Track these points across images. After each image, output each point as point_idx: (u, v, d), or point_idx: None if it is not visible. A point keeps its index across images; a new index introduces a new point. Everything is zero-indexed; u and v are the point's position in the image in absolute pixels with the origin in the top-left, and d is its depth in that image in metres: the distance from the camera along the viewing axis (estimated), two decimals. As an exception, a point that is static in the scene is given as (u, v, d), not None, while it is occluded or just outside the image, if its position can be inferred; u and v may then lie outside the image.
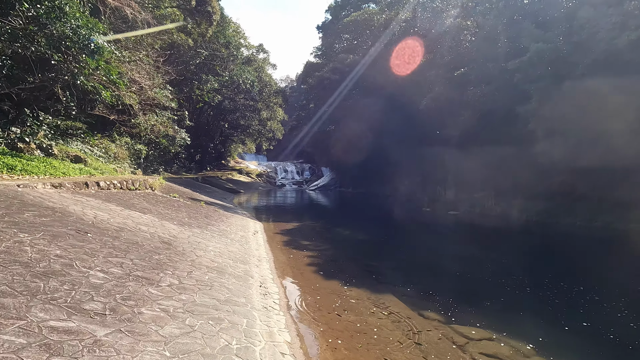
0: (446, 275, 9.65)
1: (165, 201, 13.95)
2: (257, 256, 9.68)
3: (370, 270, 9.50)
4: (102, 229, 7.18)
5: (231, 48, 45.89)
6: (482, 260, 11.37)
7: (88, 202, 9.15)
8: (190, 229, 10.24)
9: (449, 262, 11.06)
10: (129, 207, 10.30)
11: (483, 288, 8.67)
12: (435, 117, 28.42)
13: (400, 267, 10.39)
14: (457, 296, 7.80)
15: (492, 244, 14.73)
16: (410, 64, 34.51)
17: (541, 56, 17.33)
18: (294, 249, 11.85)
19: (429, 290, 8.05)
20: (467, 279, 9.33)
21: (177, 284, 5.57)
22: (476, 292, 8.31)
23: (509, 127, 21.91)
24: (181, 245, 7.99)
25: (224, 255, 8.42)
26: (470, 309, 7.03)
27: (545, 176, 20.97)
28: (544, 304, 7.66)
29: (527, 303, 7.75)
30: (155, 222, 9.47)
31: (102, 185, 11.69)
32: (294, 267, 9.35)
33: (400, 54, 35.14)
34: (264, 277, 7.81)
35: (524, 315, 7.02)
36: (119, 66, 18.37)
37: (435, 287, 8.41)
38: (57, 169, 13.91)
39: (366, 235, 15.65)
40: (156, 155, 35.37)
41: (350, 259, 10.95)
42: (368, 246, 13.25)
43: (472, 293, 8.27)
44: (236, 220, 15.52)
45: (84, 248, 5.76)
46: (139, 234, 7.76)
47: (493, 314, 6.85)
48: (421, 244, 13.64)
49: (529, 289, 8.61)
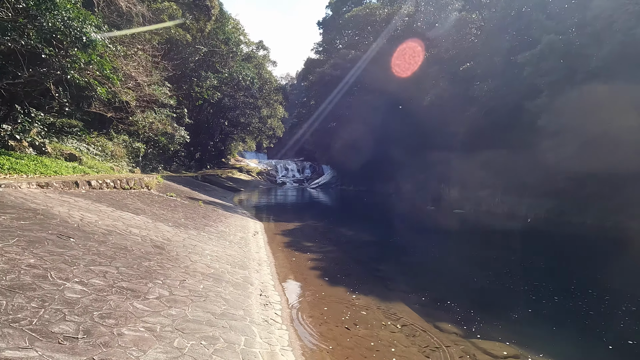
0: (460, 281, 9.00)
1: (161, 201, 13.35)
2: (257, 259, 9.08)
3: (379, 275, 8.89)
4: (87, 233, 6.57)
5: (230, 44, 45.19)
6: (497, 263, 10.68)
7: (76, 202, 8.55)
8: (186, 230, 9.64)
9: (462, 265, 10.43)
10: (121, 207, 9.70)
11: (504, 295, 8.00)
12: (439, 113, 27.76)
13: (409, 271, 9.78)
14: (476, 305, 7.19)
15: (505, 245, 14.02)
16: (412, 64, 33.82)
17: (553, 48, 16.64)
18: (296, 251, 11.25)
19: (444, 298, 7.43)
20: (484, 285, 8.65)
21: (167, 295, 4.97)
22: (497, 300, 7.65)
23: (517, 123, 21.26)
24: (175, 250, 7.39)
25: (221, 260, 7.82)
26: (492, 320, 6.39)
27: (553, 174, 20.32)
28: (576, 315, 6.88)
29: (557, 314, 6.95)
30: (148, 224, 8.86)
31: (94, 185, 11.09)
32: (296, 272, 8.75)
33: (402, 54, 34.43)
34: (264, 284, 7.21)
35: (556, 330, 6.22)
36: (113, 61, 17.74)
37: (450, 294, 7.80)
38: (49, 168, 13.33)
39: (371, 235, 15.03)
40: (155, 154, 34.78)
41: (356, 261, 10.34)
42: (374, 248, 12.63)
43: (492, 301, 7.61)
44: (236, 220, 14.92)
45: (63, 255, 5.16)
46: (129, 238, 7.15)
47: (519, 326, 6.21)
48: (430, 245, 12.99)
49: (557, 298, 7.81)
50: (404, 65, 34.46)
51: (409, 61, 33.94)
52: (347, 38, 48.66)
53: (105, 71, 15.25)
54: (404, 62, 34.54)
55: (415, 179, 38.18)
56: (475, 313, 6.66)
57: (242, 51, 52.13)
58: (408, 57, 34.33)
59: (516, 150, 22.33)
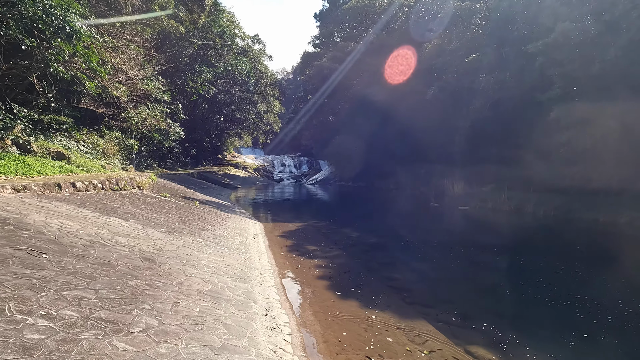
0: (485, 291, 8.11)
1: (153, 202, 12.46)
2: (259, 269, 8.25)
3: (393, 286, 8.07)
4: (65, 246, 5.70)
5: (225, 38, 44.01)
6: (525, 269, 9.69)
7: (56, 208, 7.65)
8: (181, 236, 8.77)
9: (484, 273, 9.56)
10: (108, 212, 8.81)
11: (543, 310, 6.91)
12: (443, 106, 26.95)
13: (425, 279, 8.95)
14: (510, 322, 6.37)
15: (524, 246, 12.99)
16: (405, 71, 33.07)
17: (567, 37, 15.83)
18: (300, 256, 10.43)
19: (470, 313, 6.64)
20: (516, 297, 7.70)
21: (156, 326, 4.12)
22: (536, 317, 6.64)
23: (524, 115, 20.49)
24: (167, 262, 6.53)
25: (220, 272, 6.98)
26: (535, 343, 5.51)
27: (562, 168, 19.62)
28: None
29: (619, 340, 5.71)
30: (138, 231, 7.99)
31: (79, 186, 10.17)
32: (303, 282, 7.93)
33: (395, 62, 33.68)
34: (269, 300, 6.38)
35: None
36: (101, 53, 16.71)
37: (476, 308, 7.00)
38: (32, 168, 12.39)
39: (377, 237, 14.20)
40: (149, 151, 33.78)
41: (366, 268, 9.52)
42: (382, 252, 11.81)
43: (530, 317, 6.63)
44: (234, 221, 14.07)
45: (30, 278, 4.29)
46: (115, 250, 6.28)
47: (573, 353, 5.36)
48: (442, 248, 12.15)
49: (610, 318, 6.45)
50: (398, 74, 33.83)
51: (402, 67, 33.27)
52: (346, 31, 47.57)
53: (92, 64, 14.27)
54: (397, 67, 33.85)
55: (417, 175, 37.44)
56: (510, 332, 5.84)
57: (237, 45, 50.86)
58: (401, 62, 33.67)
59: (523, 144, 21.60)
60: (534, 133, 19.81)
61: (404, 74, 33.00)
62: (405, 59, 33.28)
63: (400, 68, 34.29)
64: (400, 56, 34.11)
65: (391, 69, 34.24)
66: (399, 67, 34.25)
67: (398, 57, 34.18)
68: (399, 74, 33.82)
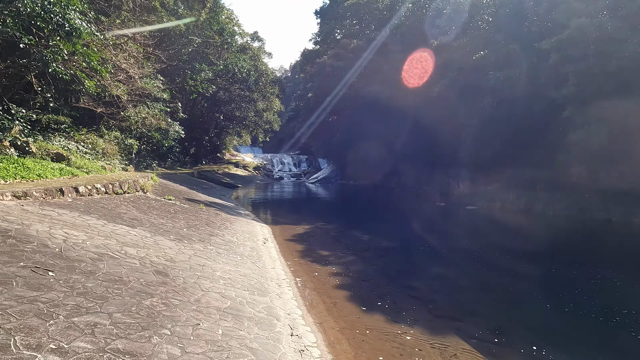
0: (516, 302, 7.60)
1: (159, 206, 12.00)
2: (275, 278, 7.82)
3: (416, 296, 7.66)
4: (72, 260, 5.25)
5: (225, 35, 43.35)
6: (555, 277, 9.15)
7: (60, 216, 7.19)
8: (191, 244, 8.33)
9: (508, 279, 9.08)
10: (113, 219, 8.35)
11: (589, 327, 6.35)
12: (449, 104, 26.52)
13: (448, 287, 8.53)
14: (551, 340, 5.91)
15: (546, 249, 12.31)
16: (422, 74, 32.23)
17: (583, 33, 15.43)
18: (313, 262, 10.01)
19: (504, 328, 6.22)
20: (551, 309, 7.15)
21: (178, 356, 3.69)
22: (580, 334, 6.11)
23: (534, 113, 20.09)
24: (181, 275, 6.10)
25: (236, 284, 6.55)
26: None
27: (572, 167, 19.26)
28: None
29: None
30: (146, 240, 7.54)
31: (82, 191, 9.71)
32: (322, 293, 7.50)
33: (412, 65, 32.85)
34: (291, 316, 5.96)
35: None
36: (101, 51, 16.19)
37: (509, 321, 6.60)
38: (31, 171, 11.92)
39: (389, 240, 13.78)
40: (149, 150, 33.28)
41: (385, 276, 9.11)
42: (398, 257, 11.38)
43: (572, 335, 6.11)
44: (241, 225, 13.63)
45: (37, 303, 3.85)
46: (125, 262, 5.84)
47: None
48: (458, 252, 11.74)
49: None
50: (416, 75, 33.03)
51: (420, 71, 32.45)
52: (347, 27, 47.00)
53: (93, 62, 13.75)
54: (414, 71, 33.07)
55: (420, 173, 37.06)
56: (554, 353, 5.44)
57: (237, 42, 50.23)
58: (417, 66, 32.88)
59: (532, 143, 21.23)
60: (545, 131, 19.43)
61: (421, 78, 32.21)
62: (421, 62, 32.52)
63: (416, 72, 33.55)
64: (416, 59, 33.37)
65: (408, 73, 33.52)
66: (415, 71, 33.52)
67: (414, 61, 33.47)
68: (417, 77, 33.07)
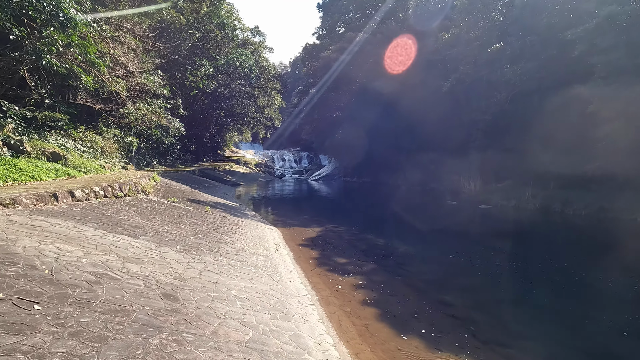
0: (578, 324, 6.61)
1: (162, 210, 11.14)
2: (295, 294, 6.98)
3: (453, 315, 6.80)
4: (65, 286, 4.40)
5: (225, 29, 42.33)
6: (611, 292, 8.14)
7: (52, 227, 6.33)
8: (200, 255, 7.48)
9: (554, 294, 7.99)
10: (114, 227, 7.49)
11: None
12: (458, 99, 25.61)
13: (486, 303, 7.61)
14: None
15: (586, 257, 11.51)
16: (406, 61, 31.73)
17: (613, 22, 14.52)
18: (332, 272, 9.16)
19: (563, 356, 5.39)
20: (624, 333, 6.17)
21: None
22: None
23: (552, 107, 19.18)
24: (192, 297, 5.24)
25: (255, 305, 5.70)
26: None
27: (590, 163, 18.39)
28: None
29: None
30: (151, 253, 6.68)
31: (78, 195, 8.83)
32: (350, 313, 6.64)
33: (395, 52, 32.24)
34: (323, 346, 5.11)
35: None
36: (98, 44, 15.26)
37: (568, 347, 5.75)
38: (24, 173, 11.08)
39: (406, 244, 12.91)
40: (149, 148, 32.45)
41: (413, 289, 8.25)
42: (421, 265, 10.44)
43: None
44: (250, 229, 12.77)
45: (15, 353, 2.99)
46: (127, 285, 4.98)
47: None
48: (486, 259, 10.79)
49: None
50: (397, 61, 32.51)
51: (402, 58, 31.99)
52: (350, 21, 45.91)
53: (89, 55, 12.81)
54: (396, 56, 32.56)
55: (426, 170, 36.19)
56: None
57: (238, 37, 49.17)
58: (400, 52, 32.43)
59: (547, 138, 20.33)
60: (563, 126, 18.53)
61: (404, 64, 31.71)
62: (405, 49, 31.95)
63: (399, 59, 33.02)
64: (400, 46, 32.75)
65: (391, 60, 32.93)
66: (399, 58, 32.97)
67: (398, 47, 32.87)
68: (399, 64, 32.61)
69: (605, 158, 17.71)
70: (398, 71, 34.03)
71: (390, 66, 34.23)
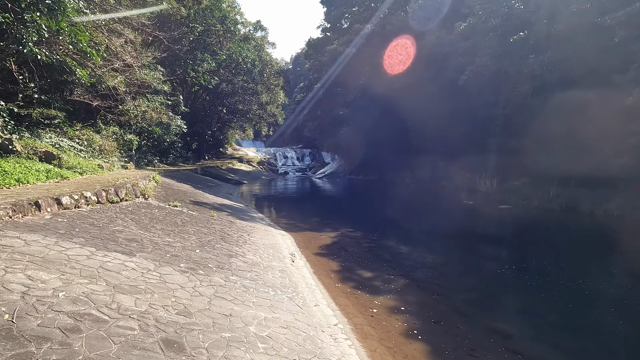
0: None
1: (163, 217, 9.92)
2: (325, 326, 5.75)
3: (516, 350, 5.49)
4: (29, 340, 3.17)
5: (227, 23, 40.97)
6: None
7: (27, 247, 5.11)
8: (209, 275, 6.25)
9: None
10: (105, 243, 6.27)
11: None
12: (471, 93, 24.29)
13: (549, 331, 6.40)
14: None
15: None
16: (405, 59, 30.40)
17: (661, 4, 13.22)
18: (360, 290, 7.94)
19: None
20: None
21: None
22: None
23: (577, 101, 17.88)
24: (202, 344, 4.01)
25: (281, 348, 4.48)
26: None
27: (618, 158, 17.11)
28: None
29: None
30: (149, 276, 5.46)
31: (66, 203, 7.61)
32: (395, 351, 5.34)
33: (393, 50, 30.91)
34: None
35: None
36: (93, 34, 14.01)
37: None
38: (9, 175, 9.90)
39: (433, 253, 11.61)
40: (149, 146, 31.32)
41: (456, 312, 6.97)
42: (456, 278, 9.06)
43: None
44: (260, 235, 11.55)
45: None
46: (116, 331, 3.75)
47: None
48: (529, 268, 9.62)
49: None
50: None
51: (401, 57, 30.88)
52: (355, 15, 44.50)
53: (81, 44, 11.55)
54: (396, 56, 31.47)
55: (436, 168, 34.91)
56: None
57: (239, 32, 47.78)
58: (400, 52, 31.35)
59: (573, 134, 19.03)
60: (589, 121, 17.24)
61: (411, 59, 30.58)
62: (412, 43, 30.81)
63: (406, 54, 31.89)
64: (408, 40, 31.62)
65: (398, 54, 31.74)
66: (406, 53, 31.83)
67: (401, 42, 31.78)
68: (407, 58, 31.49)
69: (635, 154, 16.48)
70: (405, 65, 32.88)
71: (397, 61, 33.04)
